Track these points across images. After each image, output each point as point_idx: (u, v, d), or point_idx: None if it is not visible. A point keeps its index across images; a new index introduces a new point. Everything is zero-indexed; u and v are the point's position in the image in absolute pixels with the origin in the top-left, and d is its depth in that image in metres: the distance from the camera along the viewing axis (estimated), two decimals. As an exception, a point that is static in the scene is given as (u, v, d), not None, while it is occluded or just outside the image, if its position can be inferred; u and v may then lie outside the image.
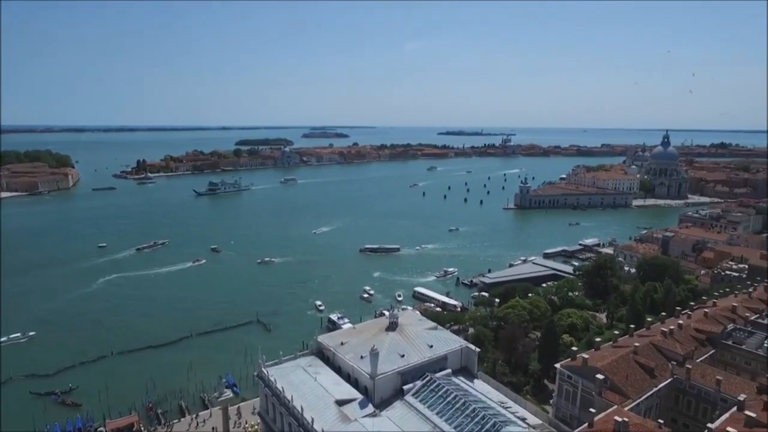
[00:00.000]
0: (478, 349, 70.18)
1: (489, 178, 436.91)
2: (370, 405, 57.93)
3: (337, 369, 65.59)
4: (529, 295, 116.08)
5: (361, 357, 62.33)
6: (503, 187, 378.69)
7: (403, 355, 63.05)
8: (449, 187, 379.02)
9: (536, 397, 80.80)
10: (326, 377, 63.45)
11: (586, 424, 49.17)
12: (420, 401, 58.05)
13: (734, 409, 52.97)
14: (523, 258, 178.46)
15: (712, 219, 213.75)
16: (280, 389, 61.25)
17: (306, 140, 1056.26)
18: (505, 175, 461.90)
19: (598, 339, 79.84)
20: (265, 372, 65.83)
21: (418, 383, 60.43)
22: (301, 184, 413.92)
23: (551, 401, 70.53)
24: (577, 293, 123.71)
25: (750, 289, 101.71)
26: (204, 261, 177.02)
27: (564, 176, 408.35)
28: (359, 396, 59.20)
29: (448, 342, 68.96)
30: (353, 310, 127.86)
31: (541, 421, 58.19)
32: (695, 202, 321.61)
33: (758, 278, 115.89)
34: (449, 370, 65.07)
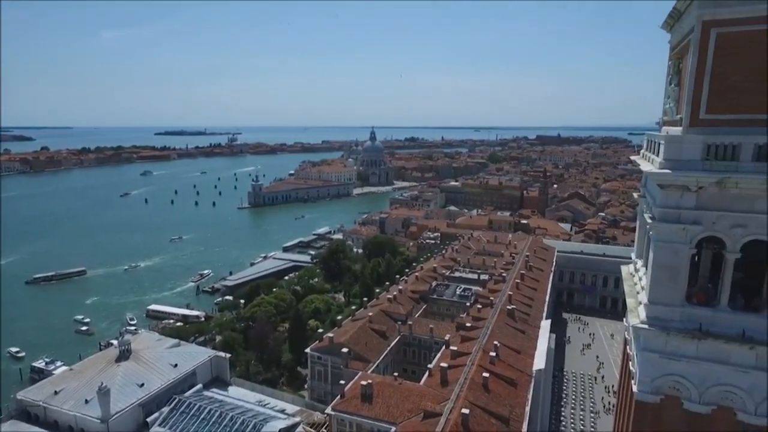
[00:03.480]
0: (228, 355, 67.60)
1: (219, 178, 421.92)
2: (106, 453, 49.05)
3: (53, 425, 53.08)
4: (274, 289, 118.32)
5: (87, 401, 52.02)
6: (235, 187, 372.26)
7: (142, 384, 55.50)
8: (176, 192, 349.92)
9: (292, 386, 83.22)
10: (37, 440, 50.57)
11: (339, 396, 53.17)
12: (169, 428, 52.30)
13: (444, 348, 66.03)
14: (263, 255, 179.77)
15: (412, 200, 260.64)
16: (-36, 478, 45.71)
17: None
18: (236, 174, 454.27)
19: (339, 317, 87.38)
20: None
21: (165, 410, 54.29)
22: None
23: (306, 386, 73.68)
24: (317, 279, 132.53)
25: (443, 251, 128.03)
26: None
27: (292, 172, 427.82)
28: (89, 448, 49.40)
29: (195, 356, 64.18)
30: (68, 348, 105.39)
31: (299, 407, 60.19)
32: (399, 186, 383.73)
33: (447, 242, 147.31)
34: (200, 385, 60.66)
